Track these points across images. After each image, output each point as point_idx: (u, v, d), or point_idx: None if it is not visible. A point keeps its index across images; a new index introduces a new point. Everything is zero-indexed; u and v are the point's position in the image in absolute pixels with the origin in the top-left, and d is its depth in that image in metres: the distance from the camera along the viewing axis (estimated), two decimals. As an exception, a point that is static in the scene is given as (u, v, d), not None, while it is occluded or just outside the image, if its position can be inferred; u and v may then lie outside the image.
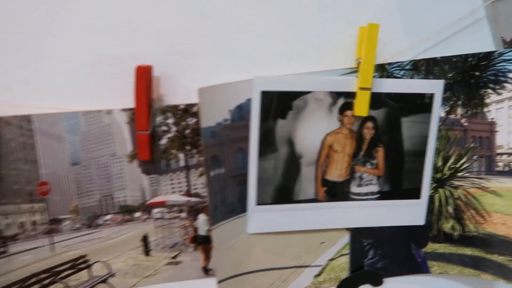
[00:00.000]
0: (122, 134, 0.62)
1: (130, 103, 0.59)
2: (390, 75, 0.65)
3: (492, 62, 0.66)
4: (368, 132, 0.67)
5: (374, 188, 0.69)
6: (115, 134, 0.62)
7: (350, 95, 0.63)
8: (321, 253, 0.69)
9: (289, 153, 0.64)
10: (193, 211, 0.68)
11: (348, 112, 0.64)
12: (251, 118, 0.61)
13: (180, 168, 0.64)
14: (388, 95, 0.64)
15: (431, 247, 0.74)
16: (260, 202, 0.65)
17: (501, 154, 0.73)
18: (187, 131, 0.62)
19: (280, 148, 0.64)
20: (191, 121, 0.62)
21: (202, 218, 0.69)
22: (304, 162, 0.66)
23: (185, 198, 0.67)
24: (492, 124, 0.72)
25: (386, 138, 0.68)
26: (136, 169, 0.63)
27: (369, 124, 0.67)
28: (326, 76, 0.62)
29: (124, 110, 0.61)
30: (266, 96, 0.60)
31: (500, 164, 0.73)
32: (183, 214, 0.67)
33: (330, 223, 0.68)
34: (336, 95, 0.63)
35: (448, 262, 0.73)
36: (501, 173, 0.73)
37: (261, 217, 0.65)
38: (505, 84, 0.69)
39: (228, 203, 0.65)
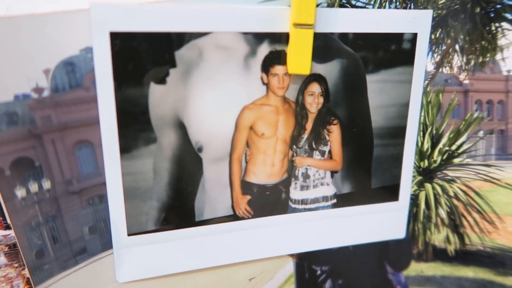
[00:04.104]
0: None
1: None
2: (346, 4, 0.52)
3: (513, -26, 0.55)
4: (314, 102, 0.53)
5: (328, 190, 0.57)
6: None
7: (279, 39, 0.49)
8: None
9: (179, 142, 0.49)
10: (20, 252, 0.51)
11: (278, 69, 0.50)
12: (97, 84, 0.43)
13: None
14: (343, 37, 0.51)
15: (415, 268, 0.66)
16: (134, 231, 0.50)
17: (523, 126, 0.64)
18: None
19: (162, 136, 0.48)
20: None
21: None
22: (208, 157, 0.50)
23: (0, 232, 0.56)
24: (509, 79, 0.63)
25: (343, 110, 0.55)
26: None
27: (315, 88, 0.53)
28: (233, 5, 0.46)
29: None
30: (121, 41, 0.43)
31: (521, 142, 0.64)
32: (1, 259, 0.55)
33: (261, 251, 0.56)
34: (254, 38, 0.48)
35: (440, 288, 0.65)
36: (522, 157, 0.64)
37: (138, 255, 0.50)
38: (533, 12, 0.57)
39: (67, 240, 0.47)
